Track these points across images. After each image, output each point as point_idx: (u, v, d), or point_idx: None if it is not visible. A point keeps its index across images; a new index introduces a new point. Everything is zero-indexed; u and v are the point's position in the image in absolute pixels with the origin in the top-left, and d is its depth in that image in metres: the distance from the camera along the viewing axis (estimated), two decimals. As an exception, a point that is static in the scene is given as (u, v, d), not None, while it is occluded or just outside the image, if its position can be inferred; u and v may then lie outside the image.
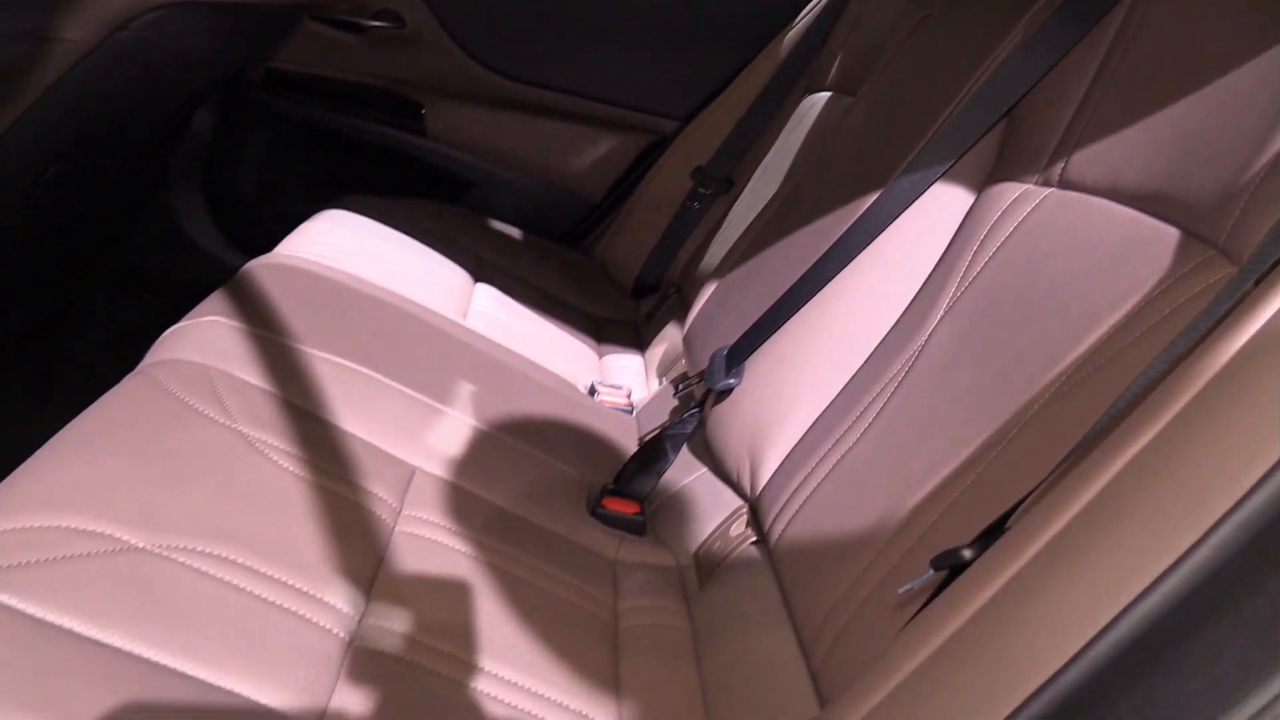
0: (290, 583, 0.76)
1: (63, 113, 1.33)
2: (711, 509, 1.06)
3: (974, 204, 0.93)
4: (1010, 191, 0.88)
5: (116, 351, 1.14)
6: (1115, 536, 0.45)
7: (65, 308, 1.82)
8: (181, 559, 0.73)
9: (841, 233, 1.04)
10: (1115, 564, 0.43)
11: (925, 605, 0.57)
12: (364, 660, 0.73)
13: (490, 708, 0.74)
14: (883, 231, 0.98)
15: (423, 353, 1.23)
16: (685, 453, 1.17)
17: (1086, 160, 0.82)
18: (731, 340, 1.12)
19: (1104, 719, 0.40)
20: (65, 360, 1.78)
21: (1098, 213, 0.77)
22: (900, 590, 0.63)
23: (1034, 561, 0.47)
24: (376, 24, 1.93)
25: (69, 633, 0.63)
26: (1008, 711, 0.43)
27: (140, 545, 0.72)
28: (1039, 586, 0.46)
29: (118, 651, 0.64)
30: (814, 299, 1.03)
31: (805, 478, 0.89)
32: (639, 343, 1.69)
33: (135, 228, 1.97)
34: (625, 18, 1.98)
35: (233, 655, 0.67)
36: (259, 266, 1.29)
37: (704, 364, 1.15)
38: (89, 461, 0.80)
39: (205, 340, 1.05)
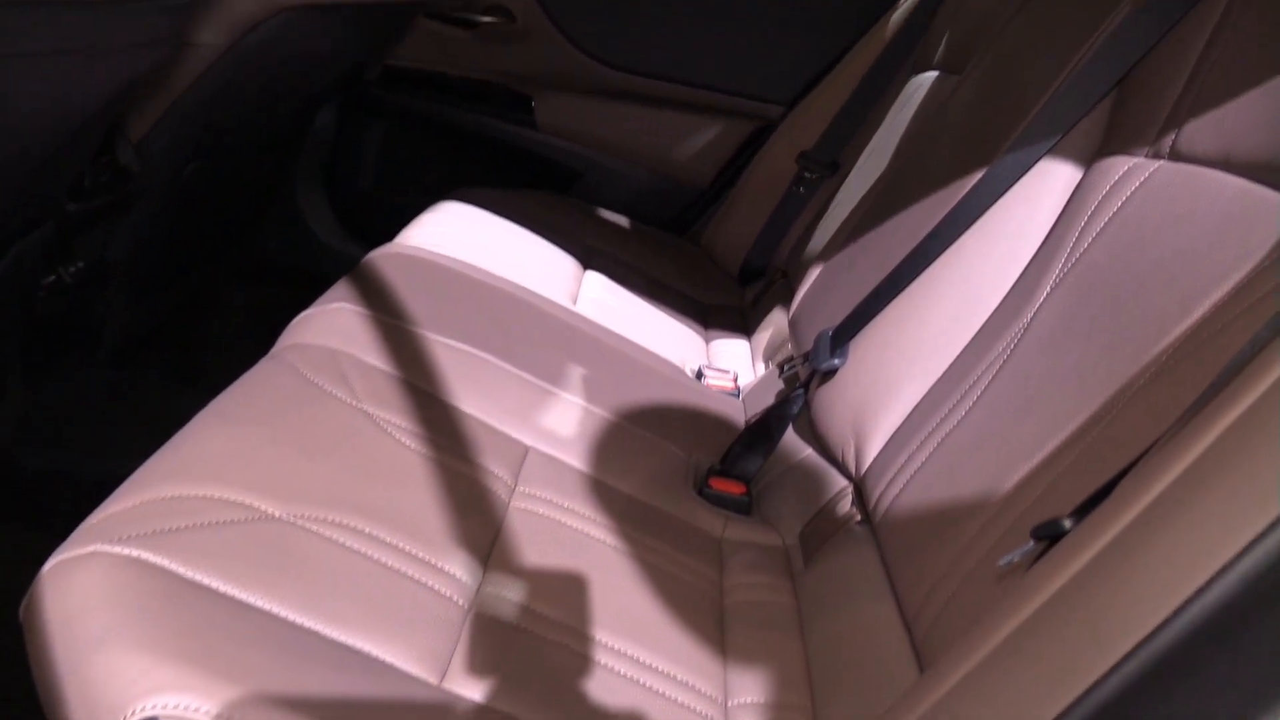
0: (414, 552, 0.80)
1: (198, 112, 1.41)
2: (816, 489, 1.08)
3: (1082, 179, 0.92)
4: (1119, 165, 0.87)
5: (248, 338, 1.21)
6: (1211, 501, 0.45)
7: (199, 298, 1.93)
8: (314, 528, 0.78)
9: (946, 211, 1.04)
10: (1211, 528, 0.44)
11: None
12: (482, 626, 0.77)
13: (600, 674, 0.78)
14: (988, 209, 0.98)
15: (535, 337, 1.28)
16: (791, 433, 1.18)
17: (1198, 130, 0.80)
18: (837, 322, 1.12)
19: (1196, 681, 0.40)
20: (200, 347, 1.89)
21: (1209, 184, 0.76)
22: (1000, 561, 0.63)
23: (1130, 526, 0.48)
24: (487, 19, 1.99)
25: (215, 592, 0.69)
26: (1098, 676, 0.43)
27: (277, 515, 0.78)
28: (1135, 550, 0.46)
29: (259, 611, 0.69)
30: (919, 278, 1.03)
31: (910, 456, 0.89)
32: (745, 328, 1.71)
33: (263, 221, 2.08)
34: (729, 4, 1.99)
35: (364, 618, 0.72)
36: (381, 256, 1.35)
37: (809, 346, 1.16)
38: (230, 437, 0.86)
39: (333, 325, 1.11)
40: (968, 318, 0.94)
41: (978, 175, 1.02)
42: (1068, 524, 0.56)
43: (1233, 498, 0.44)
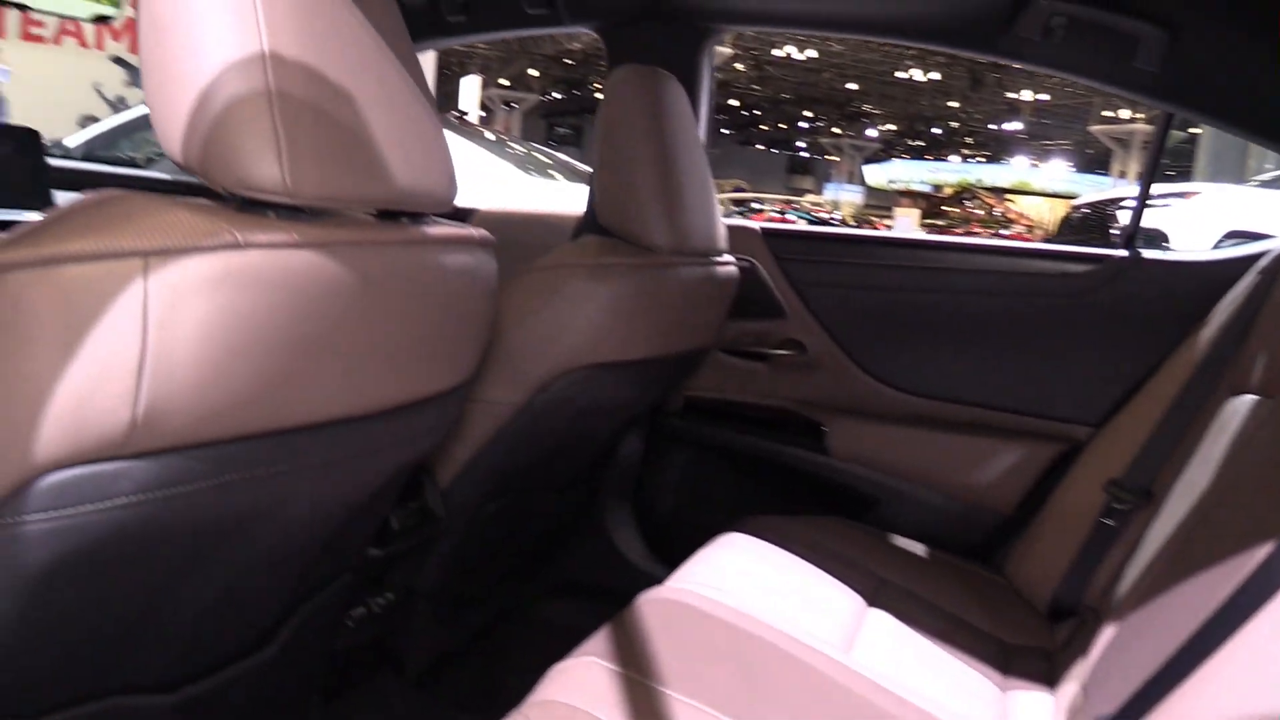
0: None
1: (498, 460, 1.57)
2: None
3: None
4: None
5: (552, 656, 1.28)
6: None
7: (506, 615, 2.05)
8: None
9: (1238, 583, 0.91)
10: None
11: None
12: None
13: None
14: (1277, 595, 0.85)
15: (792, 697, 1.23)
16: (1074, 833, 1.03)
17: None
18: (1120, 701, 0.99)
19: None
20: (504, 666, 1.99)
21: None
22: None
23: None
24: (780, 352, 2.09)
25: None
26: None
27: None
28: None
29: None
30: (1206, 661, 0.90)
31: None
32: (1050, 676, 1.54)
33: (570, 540, 2.21)
34: (1027, 324, 1.95)
35: None
36: (646, 601, 1.38)
37: (1094, 725, 1.03)
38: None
39: (580, 682, 1.14)
40: (1255, 726, 0.79)
41: (1269, 546, 0.90)
42: None
43: None
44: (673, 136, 1.64)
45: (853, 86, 27.55)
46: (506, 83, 24.28)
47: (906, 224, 19.97)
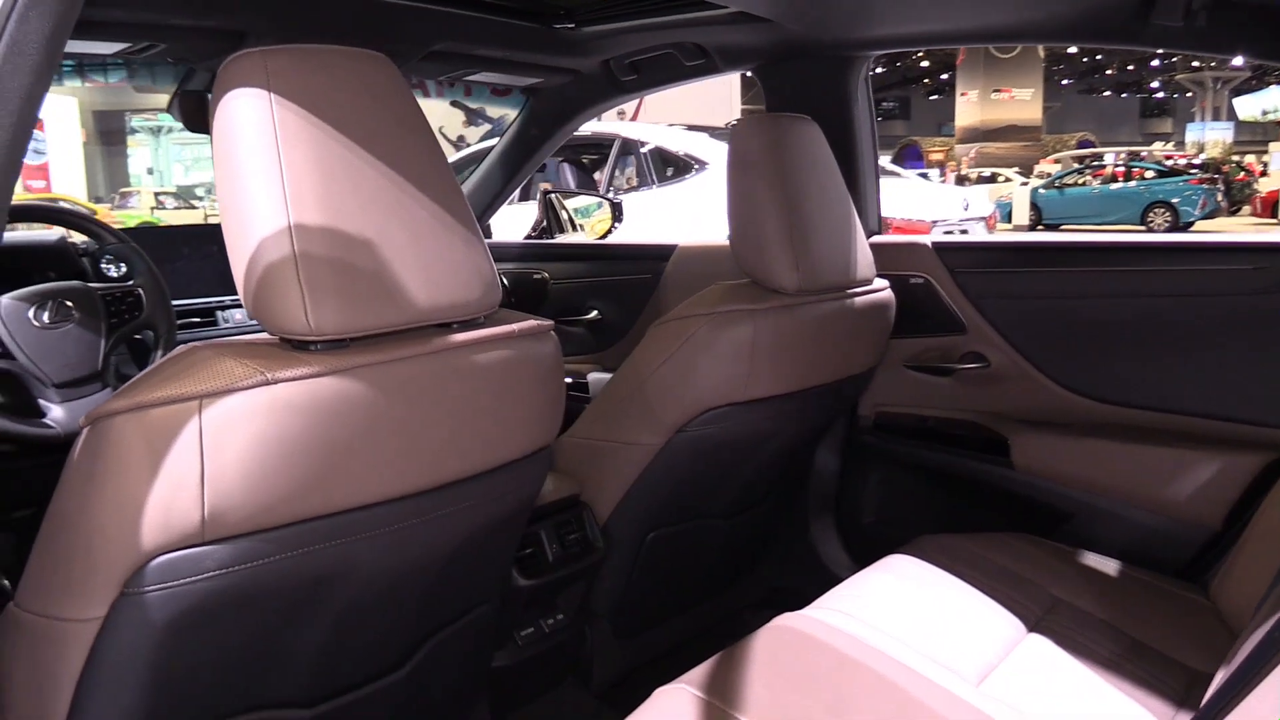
0: None
1: (649, 496, 1.72)
2: None
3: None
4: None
5: None
6: None
7: (710, 627, 2.17)
8: None
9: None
10: None
11: None
12: None
13: None
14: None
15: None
16: None
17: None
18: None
19: None
20: None
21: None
22: None
23: None
24: (963, 366, 2.06)
25: None
26: None
27: None
28: None
29: None
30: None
31: None
32: (1227, 709, 1.44)
33: (773, 552, 2.29)
34: (1224, 323, 1.81)
35: None
36: (771, 627, 1.46)
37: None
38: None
39: (662, 712, 1.26)
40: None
41: None
42: None
43: None
44: (799, 178, 1.70)
45: (1209, 12, 24.59)
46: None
47: (1283, 160, 17.65)
